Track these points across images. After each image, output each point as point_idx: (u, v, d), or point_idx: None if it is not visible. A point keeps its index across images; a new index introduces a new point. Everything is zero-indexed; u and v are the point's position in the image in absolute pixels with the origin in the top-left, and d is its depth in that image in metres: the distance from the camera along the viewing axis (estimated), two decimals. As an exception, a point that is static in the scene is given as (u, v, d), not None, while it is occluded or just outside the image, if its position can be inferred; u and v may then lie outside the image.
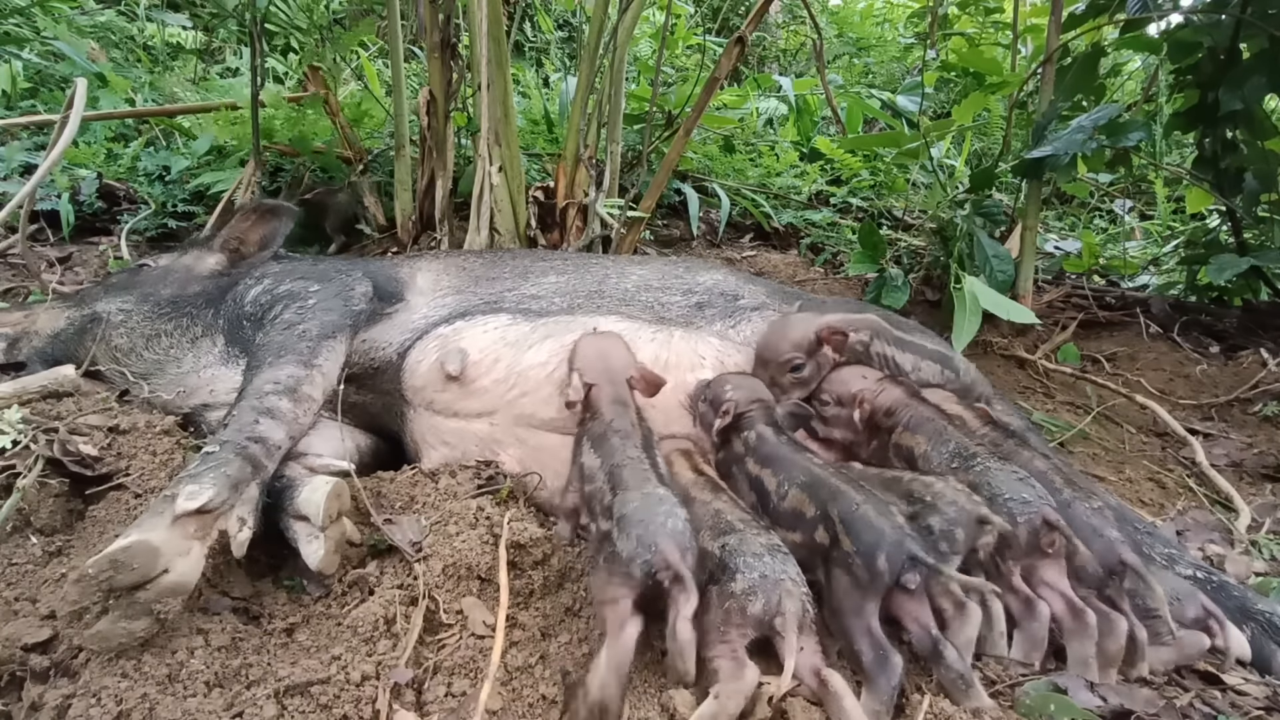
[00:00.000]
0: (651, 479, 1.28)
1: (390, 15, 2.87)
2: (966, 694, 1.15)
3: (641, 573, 1.10)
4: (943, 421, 1.56)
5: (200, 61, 4.38)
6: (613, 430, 1.43)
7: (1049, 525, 1.29)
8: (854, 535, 1.21)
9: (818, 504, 1.30)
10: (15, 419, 1.52)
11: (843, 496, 1.27)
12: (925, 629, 1.19)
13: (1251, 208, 2.91)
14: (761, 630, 1.15)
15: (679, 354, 1.79)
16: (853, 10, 6.26)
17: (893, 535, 1.18)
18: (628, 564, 1.11)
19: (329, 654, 1.18)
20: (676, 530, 1.15)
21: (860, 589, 1.18)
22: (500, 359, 1.75)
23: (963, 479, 1.39)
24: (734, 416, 1.56)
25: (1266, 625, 1.39)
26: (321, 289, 1.83)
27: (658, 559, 1.10)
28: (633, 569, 1.10)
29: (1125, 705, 1.18)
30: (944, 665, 1.17)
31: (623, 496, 1.23)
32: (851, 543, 1.21)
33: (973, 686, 1.15)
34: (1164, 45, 2.92)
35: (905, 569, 1.16)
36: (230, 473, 1.28)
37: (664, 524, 1.15)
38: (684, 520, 1.18)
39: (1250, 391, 2.55)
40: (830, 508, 1.27)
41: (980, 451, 1.46)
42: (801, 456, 1.45)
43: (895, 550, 1.16)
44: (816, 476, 1.36)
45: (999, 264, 2.67)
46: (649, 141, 3.20)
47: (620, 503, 1.22)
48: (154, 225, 3.03)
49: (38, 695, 1.09)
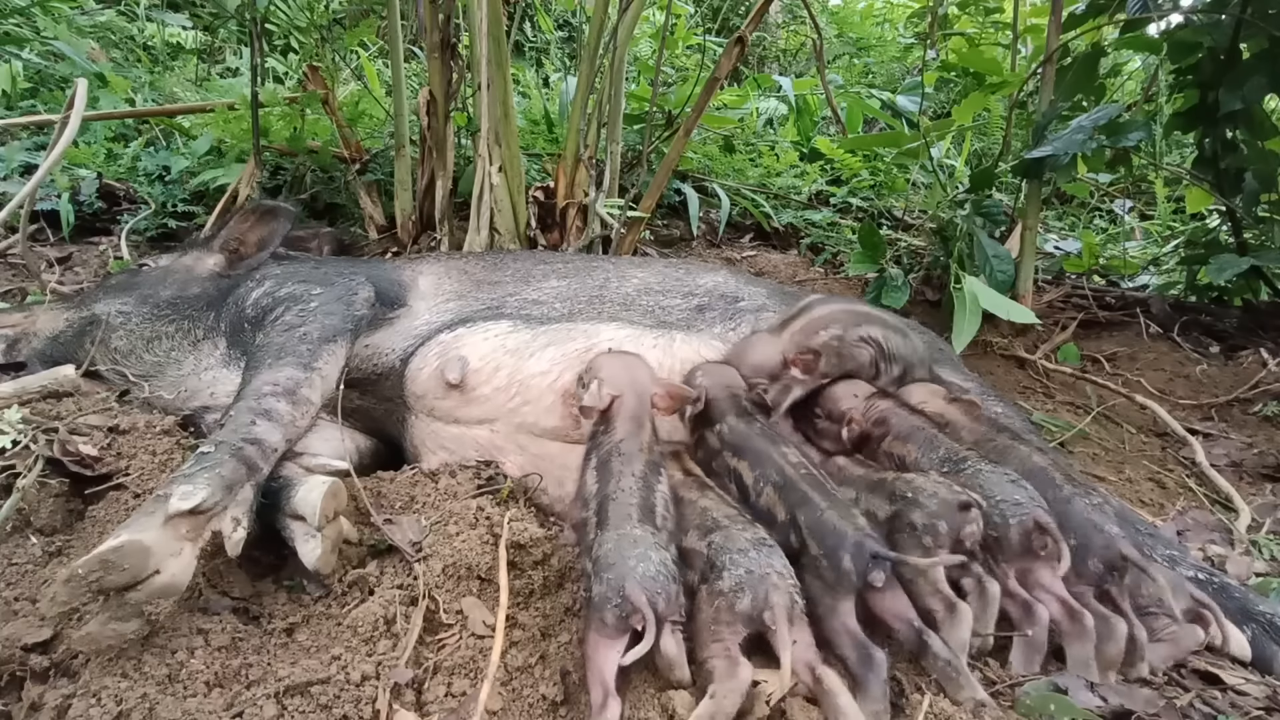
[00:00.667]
0: (633, 516, 1.24)
1: (390, 15, 2.87)
2: (957, 682, 1.15)
3: (614, 619, 1.09)
4: (932, 430, 1.56)
5: (200, 61, 4.39)
6: (617, 452, 1.41)
7: (1040, 528, 1.29)
8: (819, 540, 1.25)
9: (787, 509, 1.33)
10: (15, 419, 1.52)
11: (809, 504, 1.30)
12: (907, 622, 1.21)
13: (1251, 208, 2.91)
14: (752, 626, 1.15)
15: (681, 359, 1.79)
16: (853, 10, 6.26)
17: (854, 536, 1.21)
18: (600, 610, 1.11)
19: (329, 654, 1.18)
20: (646, 575, 1.12)
21: (831, 590, 1.21)
22: (501, 367, 1.75)
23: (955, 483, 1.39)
24: (704, 403, 1.57)
25: (1268, 626, 1.39)
26: (323, 292, 1.82)
27: (626, 604, 1.09)
28: (605, 616, 1.10)
29: (1125, 705, 1.18)
30: (931, 655, 1.18)
31: (601, 536, 1.22)
32: (817, 547, 1.24)
33: (963, 673, 1.16)
34: (1164, 45, 2.92)
35: (870, 568, 1.19)
36: (224, 474, 1.27)
37: (634, 568, 1.13)
38: (657, 562, 1.15)
39: (1250, 391, 2.55)
40: (798, 514, 1.30)
41: (971, 455, 1.46)
42: (775, 450, 1.45)
43: (857, 551, 1.20)
44: (788, 479, 1.37)
45: (999, 264, 2.67)
46: (649, 141, 3.20)
47: (596, 544, 1.21)
48: (154, 225, 3.03)
49: (38, 695, 1.09)
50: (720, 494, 1.43)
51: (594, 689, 1.08)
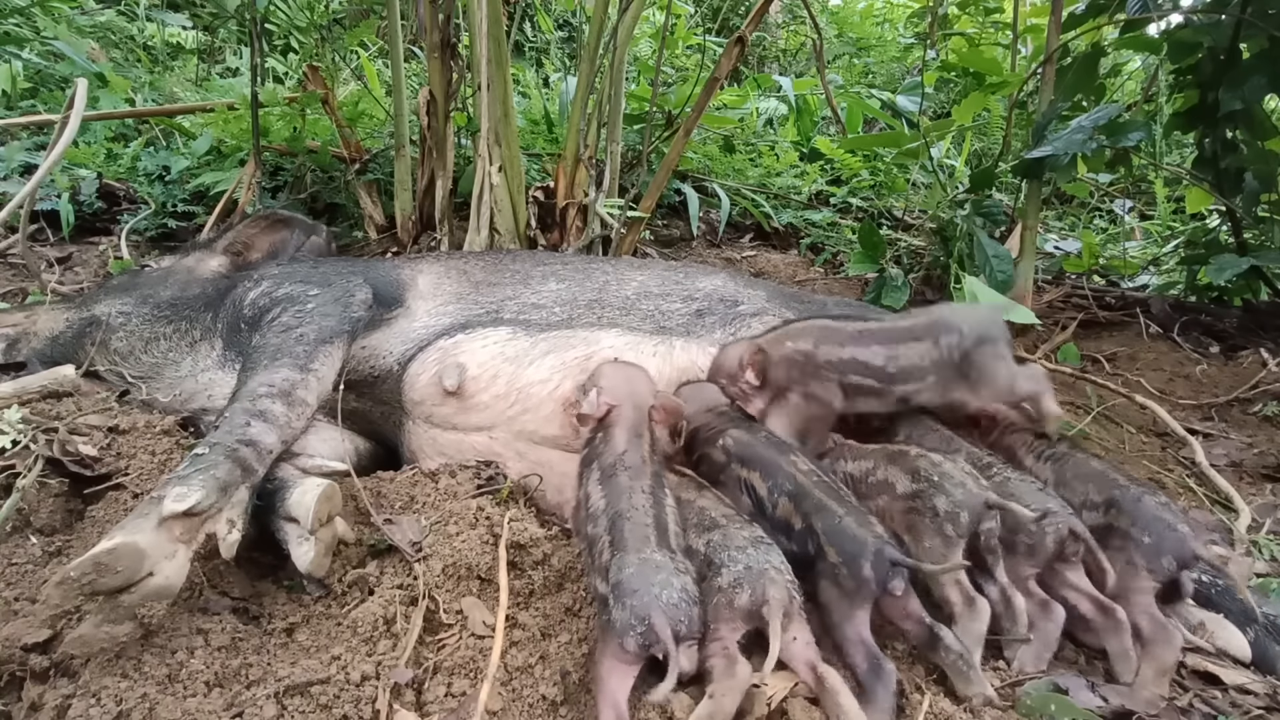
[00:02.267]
0: (651, 539, 1.22)
1: (390, 15, 2.87)
2: (967, 677, 1.16)
3: (635, 645, 1.08)
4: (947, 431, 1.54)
5: (200, 61, 4.39)
6: (622, 465, 1.39)
7: (1075, 536, 1.29)
8: (837, 547, 1.23)
9: (803, 517, 1.31)
10: (15, 419, 1.52)
11: (825, 511, 1.28)
12: (919, 620, 1.21)
13: (1251, 208, 2.91)
14: (751, 622, 1.15)
15: (680, 368, 1.78)
16: (853, 10, 6.26)
17: (874, 544, 1.20)
18: (621, 636, 1.09)
19: (329, 654, 1.18)
20: (670, 603, 1.11)
21: (848, 598, 1.20)
22: (500, 375, 1.74)
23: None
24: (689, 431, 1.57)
25: (1270, 627, 1.39)
26: (321, 293, 1.81)
27: (650, 634, 1.08)
28: (626, 643, 1.09)
29: (1126, 706, 1.18)
30: (943, 648, 1.18)
31: (620, 560, 1.18)
32: (836, 554, 1.22)
33: (974, 668, 1.16)
34: (1164, 45, 2.92)
35: (890, 575, 1.18)
36: (219, 475, 1.25)
37: (658, 595, 1.11)
38: (679, 588, 1.14)
39: (1250, 391, 2.55)
40: (814, 521, 1.28)
41: (995, 461, 1.45)
42: (784, 459, 1.43)
43: (878, 558, 1.18)
44: (801, 487, 1.35)
45: (999, 264, 2.67)
46: (649, 141, 3.21)
47: (617, 567, 1.18)
48: (154, 225, 3.03)
49: (38, 695, 1.09)
50: (718, 495, 1.43)
51: (605, 711, 1.07)
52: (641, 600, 1.11)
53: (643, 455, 1.42)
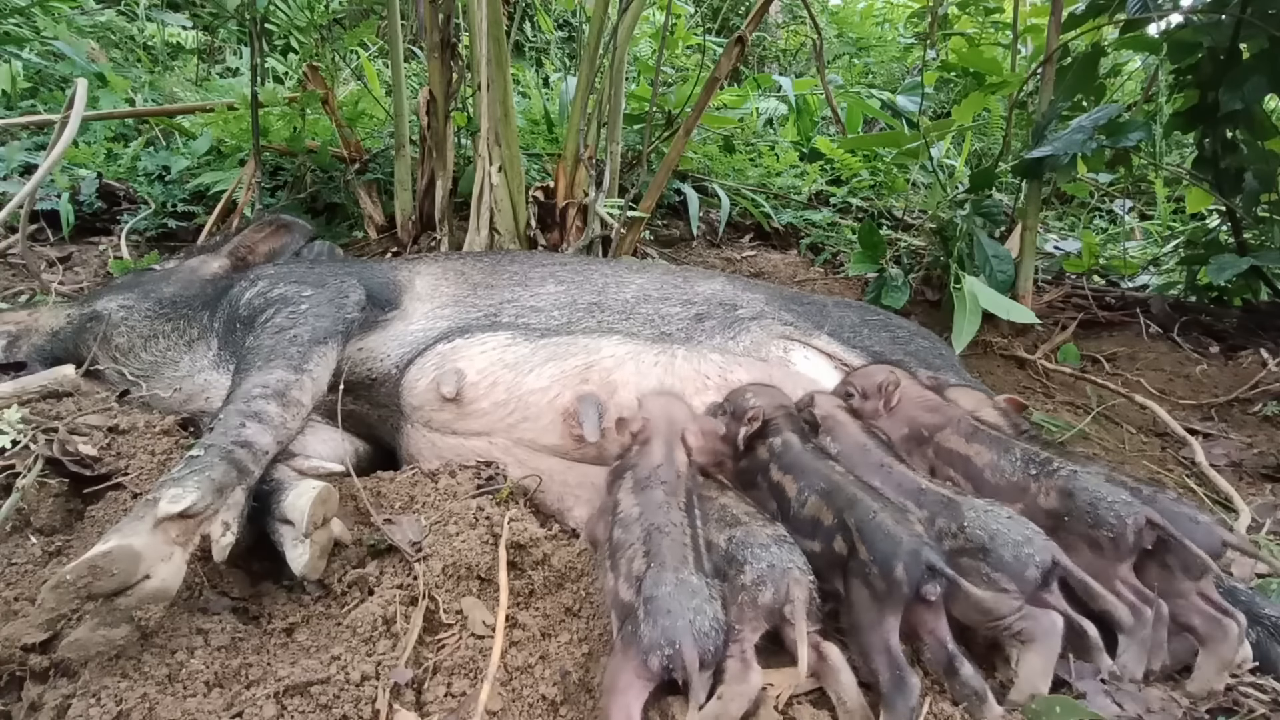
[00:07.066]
0: (689, 560, 1.18)
1: (390, 15, 2.87)
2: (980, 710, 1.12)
3: (659, 665, 1.06)
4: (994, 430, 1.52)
5: (200, 61, 4.39)
6: (659, 479, 1.37)
7: (1152, 525, 1.25)
8: (870, 544, 1.17)
9: (835, 511, 1.27)
10: (15, 419, 1.52)
11: (859, 504, 1.24)
12: (941, 642, 1.16)
13: (1251, 208, 2.91)
14: (772, 620, 1.13)
15: (682, 378, 1.76)
16: (853, 10, 6.25)
17: (910, 543, 1.13)
18: (646, 653, 1.06)
19: (329, 654, 1.18)
20: (701, 630, 1.07)
21: (878, 601, 1.14)
22: (499, 382, 1.73)
23: (1047, 486, 1.35)
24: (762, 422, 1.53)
25: (1273, 629, 1.38)
26: (315, 294, 1.80)
27: (677, 658, 1.05)
28: (650, 660, 1.06)
29: (1139, 713, 1.17)
30: (959, 681, 1.14)
31: (655, 575, 1.14)
32: (868, 551, 1.16)
33: (986, 702, 1.12)
34: (1164, 45, 2.92)
35: (924, 579, 1.11)
36: (214, 476, 1.24)
37: (691, 621, 1.08)
38: (711, 616, 1.10)
39: (1250, 391, 2.55)
40: (847, 515, 1.23)
41: (1054, 455, 1.41)
42: (824, 464, 1.41)
43: (913, 559, 1.12)
44: (835, 483, 1.32)
45: (999, 264, 2.68)
46: (649, 141, 3.20)
47: (651, 582, 1.14)
48: (154, 225, 3.03)
49: (38, 695, 1.09)
50: (739, 494, 1.42)
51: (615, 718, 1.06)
52: (674, 623, 1.07)
53: (677, 472, 1.40)
